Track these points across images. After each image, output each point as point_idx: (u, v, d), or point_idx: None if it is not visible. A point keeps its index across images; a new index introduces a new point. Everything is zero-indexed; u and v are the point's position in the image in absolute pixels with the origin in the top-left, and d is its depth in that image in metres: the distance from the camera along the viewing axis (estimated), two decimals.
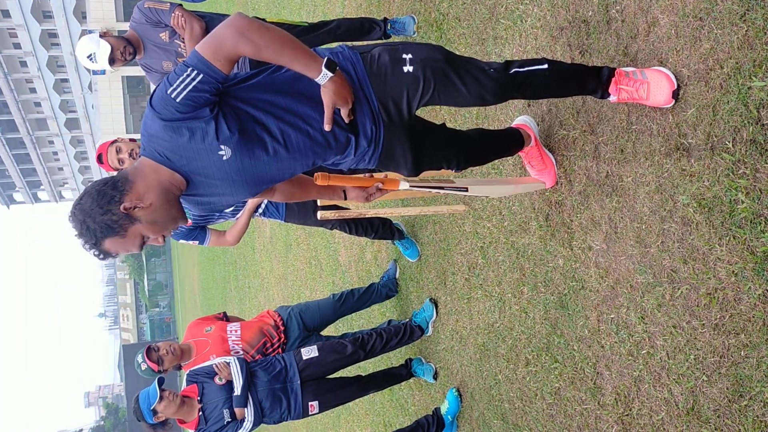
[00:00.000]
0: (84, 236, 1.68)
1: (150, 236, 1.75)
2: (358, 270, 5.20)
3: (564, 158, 2.56)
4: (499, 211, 3.06)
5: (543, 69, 2.05)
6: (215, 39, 1.63)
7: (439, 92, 1.95)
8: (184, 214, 1.82)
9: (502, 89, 2.03)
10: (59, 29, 42.88)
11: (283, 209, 3.74)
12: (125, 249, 1.73)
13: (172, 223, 1.78)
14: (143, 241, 1.75)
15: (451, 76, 1.94)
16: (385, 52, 1.92)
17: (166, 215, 1.74)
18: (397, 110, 1.95)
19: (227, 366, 3.36)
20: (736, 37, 1.81)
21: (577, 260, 2.50)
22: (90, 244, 1.69)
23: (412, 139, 2.06)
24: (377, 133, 1.96)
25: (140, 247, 1.76)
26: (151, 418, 3.21)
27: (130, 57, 3.52)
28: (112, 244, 1.70)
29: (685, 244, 1.99)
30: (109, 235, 1.68)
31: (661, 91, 2.02)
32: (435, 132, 2.21)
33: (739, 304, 1.82)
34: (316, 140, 1.86)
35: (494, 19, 2.99)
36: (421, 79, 1.91)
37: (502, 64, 2.04)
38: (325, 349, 3.54)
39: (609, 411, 2.33)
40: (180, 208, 1.80)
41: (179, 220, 1.80)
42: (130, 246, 1.73)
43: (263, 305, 8.92)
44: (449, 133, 2.27)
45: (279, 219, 3.79)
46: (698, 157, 1.95)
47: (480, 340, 3.27)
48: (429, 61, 1.92)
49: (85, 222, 1.66)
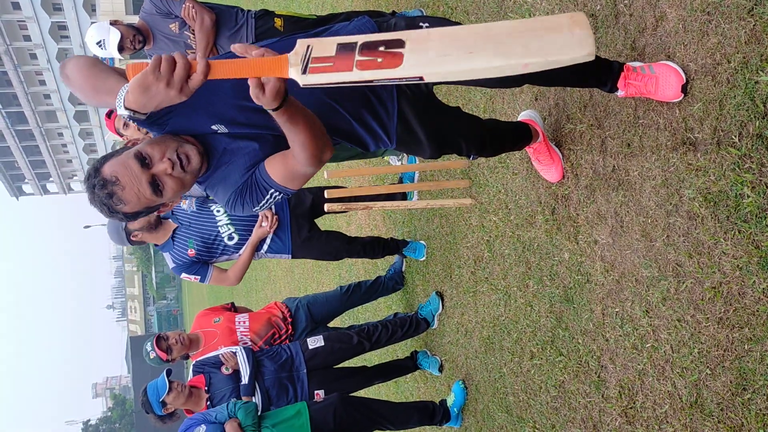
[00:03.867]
0: (86, 180, 1.66)
1: (145, 152, 1.65)
2: (364, 263, 5.22)
3: (571, 152, 2.57)
4: (505, 204, 3.07)
5: None
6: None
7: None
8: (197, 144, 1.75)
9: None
10: (69, 22, 43.07)
11: (288, 243, 3.65)
12: (123, 168, 1.63)
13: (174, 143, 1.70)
14: (143, 161, 1.64)
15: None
16: (402, 20, 1.93)
17: (164, 139, 1.70)
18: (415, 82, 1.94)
19: (234, 356, 3.39)
20: (744, 31, 1.81)
21: (583, 254, 2.51)
22: (90, 177, 1.64)
23: (431, 117, 2.02)
24: (392, 106, 1.93)
25: (144, 171, 1.64)
26: (160, 409, 3.24)
27: (139, 46, 3.54)
28: (108, 166, 1.64)
29: (691, 238, 2.00)
30: (105, 161, 1.66)
31: (669, 86, 2.03)
32: (452, 113, 2.18)
33: (743, 298, 1.83)
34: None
35: (502, 12, 3.00)
36: None
37: None
38: (331, 339, 3.56)
39: (613, 404, 2.35)
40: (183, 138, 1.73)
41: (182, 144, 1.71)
42: (127, 162, 1.63)
43: (270, 298, 8.96)
44: (466, 115, 2.25)
45: (286, 255, 3.69)
46: (704, 151, 1.95)
47: (485, 333, 3.29)
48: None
49: (88, 170, 1.68)
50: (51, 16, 44.62)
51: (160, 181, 1.66)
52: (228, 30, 3.47)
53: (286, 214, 3.62)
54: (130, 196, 1.64)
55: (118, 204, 1.64)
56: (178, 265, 3.49)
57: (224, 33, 3.47)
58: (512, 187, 3.00)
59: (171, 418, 3.34)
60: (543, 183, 2.74)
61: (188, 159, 1.68)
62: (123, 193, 1.63)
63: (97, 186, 1.62)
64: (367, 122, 1.91)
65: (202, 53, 3.45)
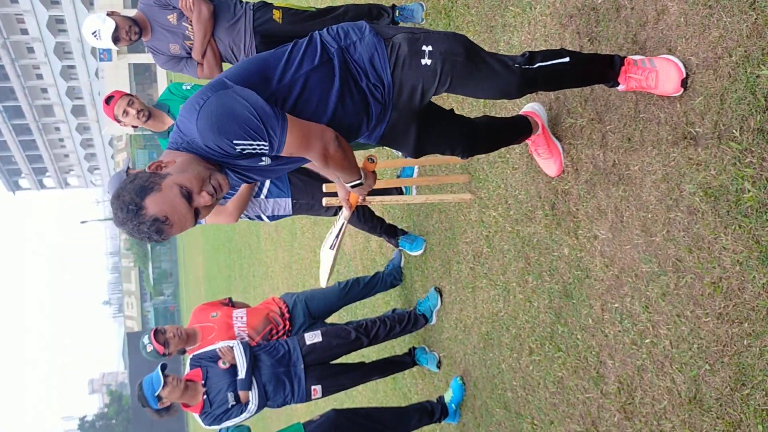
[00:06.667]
0: (125, 212, 1.63)
1: (187, 187, 1.66)
2: (363, 259, 5.21)
3: (571, 147, 2.56)
4: (505, 200, 3.06)
5: (566, 62, 2.06)
6: (306, 140, 1.77)
7: (456, 85, 1.95)
8: (217, 166, 1.76)
9: (527, 84, 2.03)
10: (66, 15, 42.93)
11: (287, 185, 3.57)
12: (172, 207, 1.65)
13: (206, 172, 1.71)
14: (188, 198, 1.66)
15: (472, 71, 1.94)
16: (405, 43, 1.90)
17: (193, 166, 1.70)
18: (409, 98, 1.96)
19: (231, 350, 3.38)
20: (746, 25, 1.80)
21: (583, 249, 2.50)
22: (132, 213, 1.62)
23: (419, 123, 2.06)
24: (384, 113, 1.97)
25: (190, 209, 1.67)
26: (156, 403, 3.23)
27: (135, 37, 3.50)
28: (153, 203, 1.63)
29: (691, 233, 1.99)
30: (146, 195, 1.63)
31: (669, 80, 2.02)
32: (443, 118, 2.21)
33: (743, 293, 1.82)
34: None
35: (503, 6, 2.99)
36: (438, 73, 1.90)
37: (526, 58, 2.02)
38: (328, 335, 3.55)
39: (612, 400, 2.34)
40: (207, 164, 1.74)
41: (213, 172, 1.73)
42: (174, 200, 1.64)
43: (268, 293, 8.95)
44: (457, 120, 2.27)
45: (286, 198, 3.58)
46: (705, 145, 1.94)
47: (484, 329, 3.28)
48: (448, 55, 1.90)
49: (120, 196, 1.64)
50: (48, 10, 44.41)
51: (199, 212, 1.74)
52: (226, 21, 3.45)
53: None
54: (176, 231, 1.71)
55: (161, 237, 1.68)
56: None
57: (222, 24, 3.45)
58: (512, 183, 2.99)
59: (168, 411, 3.33)
60: (543, 178, 2.73)
61: (221, 187, 1.73)
62: (171, 230, 1.68)
63: (146, 224, 1.64)
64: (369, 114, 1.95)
65: (199, 45, 3.43)
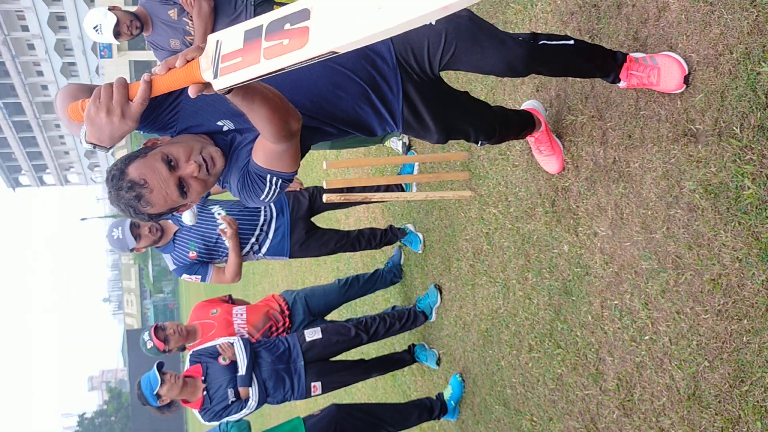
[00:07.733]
0: (109, 180, 1.62)
1: (173, 154, 1.63)
2: (362, 256, 5.21)
3: (571, 144, 2.56)
4: (505, 197, 3.06)
5: (570, 45, 2.03)
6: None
7: (461, 52, 1.88)
8: (212, 141, 1.74)
9: (533, 58, 1.96)
10: (67, 12, 42.85)
11: (287, 245, 3.68)
12: (151, 170, 1.61)
13: (198, 144, 1.68)
14: (171, 164, 1.62)
15: (476, 35, 1.88)
16: None
17: (185, 139, 1.69)
18: (418, 65, 1.90)
19: (231, 346, 3.39)
20: (747, 22, 1.80)
21: (582, 246, 2.50)
22: (115, 180, 1.60)
23: (439, 102, 1.98)
24: (396, 87, 1.89)
25: (171, 175, 1.62)
26: (155, 401, 3.24)
27: (136, 32, 3.53)
28: (134, 168, 1.61)
29: (691, 230, 2.00)
30: (130, 162, 1.62)
31: (671, 77, 2.02)
32: (464, 100, 2.15)
33: (742, 290, 1.83)
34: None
35: (504, 3, 2.98)
36: (443, 34, 1.85)
37: (529, 34, 1.98)
38: (328, 331, 3.56)
39: (611, 396, 2.35)
40: (202, 138, 1.72)
41: (206, 145, 1.71)
42: (155, 165, 1.61)
43: (267, 291, 8.95)
44: (477, 103, 2.23)
45: (284, 257, 3.73)
46: (706, 142, 1.95)
47: (483, 326, 3.29)
48: (452, 16, 1.81)
49: (111, 170, 1.64)
50: (49, 6, 44.36)
51: (185, 183, 1.66)
52: (227, 17, 3.45)
53: (286, 218, 3.67)
54: (158, 199, 1.63)
55: (145, 206, 1.63)
56: (179, 266, 3.51)
57: (223, 20, 3.45)
58: (512, 179, 2.99)
59: (169, 408, 3.33)
60: (543, 175, 2.74)
61: (213, 161, 1.68)
62: (151, 195, 1.62)
63: (124, 188, 1.60)
64: (373, 103, 1.88)
65: (200, 40, 3.44)
